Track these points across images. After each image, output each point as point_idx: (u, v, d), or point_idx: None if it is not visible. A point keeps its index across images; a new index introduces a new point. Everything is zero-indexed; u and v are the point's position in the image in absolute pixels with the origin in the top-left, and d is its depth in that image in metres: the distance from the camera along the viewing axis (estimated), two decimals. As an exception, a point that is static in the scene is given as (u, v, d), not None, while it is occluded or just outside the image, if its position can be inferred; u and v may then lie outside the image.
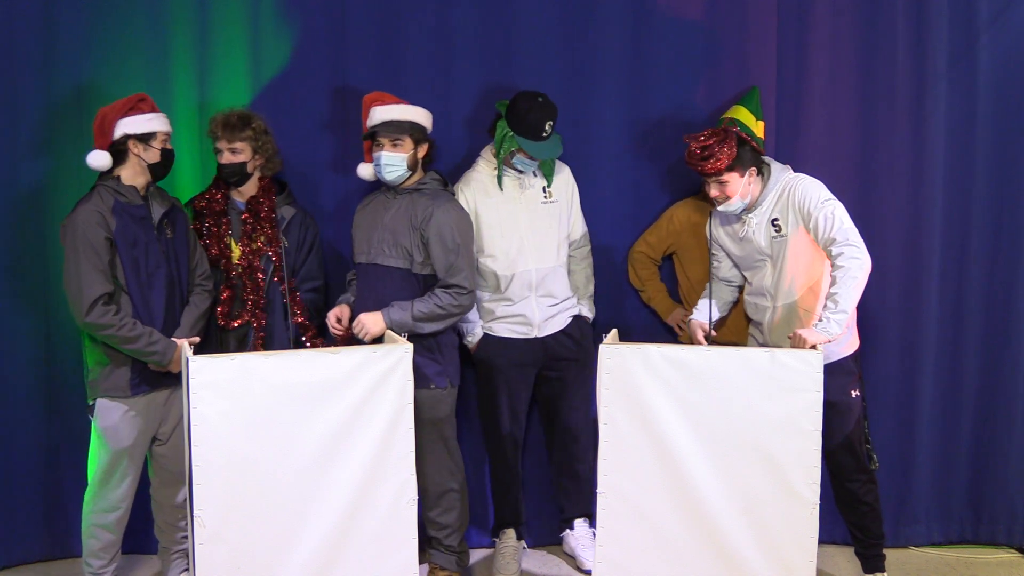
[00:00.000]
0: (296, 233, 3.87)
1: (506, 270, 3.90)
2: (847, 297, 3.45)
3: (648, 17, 4.11)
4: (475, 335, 3.97)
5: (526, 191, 3.93)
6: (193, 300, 3.69)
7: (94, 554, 3.66)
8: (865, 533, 3.84)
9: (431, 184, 3.78)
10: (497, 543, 4.12)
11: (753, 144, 3.71)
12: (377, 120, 3.70)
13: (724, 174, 3.62)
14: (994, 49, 4.08)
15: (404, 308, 3.65)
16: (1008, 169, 4.12)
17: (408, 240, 3.70)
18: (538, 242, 3.92)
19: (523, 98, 3.80)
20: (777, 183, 3.68)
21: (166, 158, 3.59)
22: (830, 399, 3.53)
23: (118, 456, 3.57)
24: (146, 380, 3.57)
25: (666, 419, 3.34)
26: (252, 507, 3.22)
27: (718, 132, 3.64)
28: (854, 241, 3.49)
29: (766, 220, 3.69)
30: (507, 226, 3.90)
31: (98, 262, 3.44)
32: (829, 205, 3.56)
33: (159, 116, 3.59)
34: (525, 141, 3.78)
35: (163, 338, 3.53)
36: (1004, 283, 4.16)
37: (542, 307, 3.94)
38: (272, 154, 3.84)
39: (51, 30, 3.89)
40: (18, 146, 3.91)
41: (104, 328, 3.45)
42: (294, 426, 3.24)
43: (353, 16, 4.06)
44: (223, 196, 3.82)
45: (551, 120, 3.80)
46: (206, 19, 4.00)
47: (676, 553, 3.39)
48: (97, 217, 3.46)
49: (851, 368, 3.72)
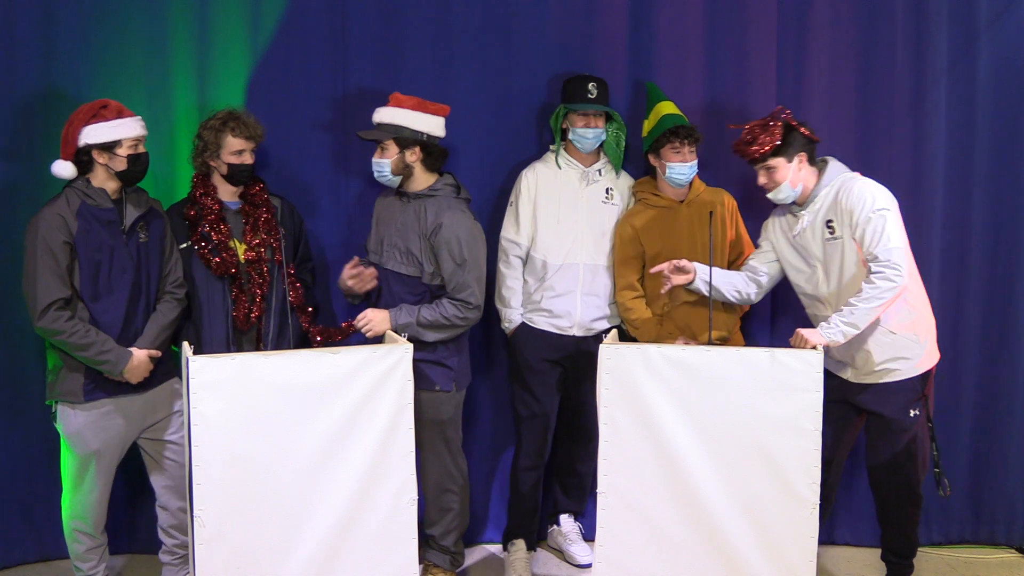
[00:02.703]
0: (289, 222, 3.86)
1: (556, 259, 3.91)
2: (864, 315, 3.41)
3: (648, 17, 4.11)
4: (512, 322, 3.97)
5: (589, 187, 3.95)
6: (160, 308, 3.59)
7: (80, 557, 3.64)
8: (893, 552, 3.78)
9: (443, 190, 3.74)
10: (507, 555, 4.07)
11: (804, 131, 3.59)
12: (374, 122, 3.71)
13: (770, 159, 3.54)
14: (994, 49, 4.08)
15: (411, 313, 3.64)
16: (1008, 169, 4.12)
17: (418, 249, 3.69)
18: (592, 239, 3.93)
19: (570, 77, 3.93)
20: (832, 180, 3.58)
21: (134, 164, 3.50)
22: (887, 415, 3.55)
23: (86, 460, 3.52)
24: (102, 387, 3.48)
25: (666, 419, 3.34)
26: (252, 507, 3.22)
27: (765, 118, 3.57)
28: (896, 262, 3.41)
29: (820, 220, 3.58)
30: (564, 216, 3.92)
31: (55, 266, 3.37)
32: (880, 218, 3.44)
33: (125, 122, 3.49)
34: (571, 104, 3.87)
35: (116, 347, 3.44)
36: (1004, 283, 4.16)
37: (587, 305, 3.94)
38: None
39: (51, 30, 3.89)
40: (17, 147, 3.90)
41: (56, 334, 3.38)
42: (294, 426, 3.24)
43: (353, 15, 4.06)
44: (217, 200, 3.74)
45: (594, 81, 3.88)
46: (206, 19, 4.00)
47: (676, 553, 3.39)
48: (58, 221, 3.40)
49: (916, 387, 3.60)
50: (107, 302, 3.47)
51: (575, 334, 3.95)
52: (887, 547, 3.80)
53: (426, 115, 3.71)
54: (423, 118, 3.70)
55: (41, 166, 3.91)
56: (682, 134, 3.80)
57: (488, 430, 4.25)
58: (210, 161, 3.72)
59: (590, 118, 3.89)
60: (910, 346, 3.56)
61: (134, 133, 3.50)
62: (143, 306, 3.55)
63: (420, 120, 3.70)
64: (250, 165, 3.73)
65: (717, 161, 4.06)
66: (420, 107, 3.70)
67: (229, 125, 3.68)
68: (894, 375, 3.55)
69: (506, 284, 3.97)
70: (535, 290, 3.96)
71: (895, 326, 3.53)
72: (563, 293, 3.93)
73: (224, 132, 3.67)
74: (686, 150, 3.82)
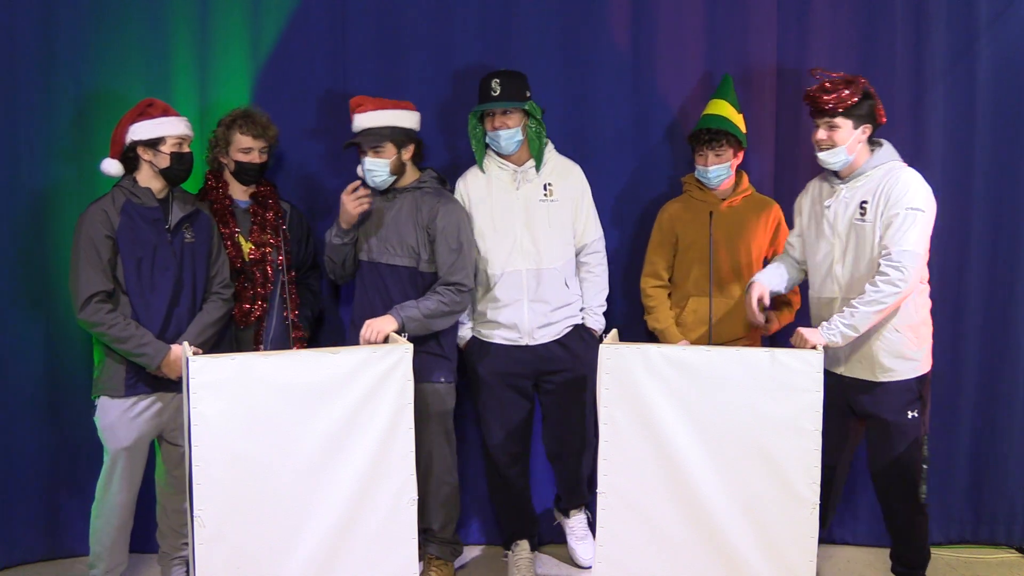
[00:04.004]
0: (296, 227, 3.91)
1: (496, 268, 3.82)
2: (864, 319, 3.38)
3: (648, 17, 4.11)
4: (462, 337, 3.91)
5: (523, 187, 3.84)
6: (206, 307, 3.65)
7: (99, 557, 3.66)
8: (902, 563, 3.73)
9: (430, 183, 3.79)
10: (510, 555, 4.05)
11: (879, 107, 3.50)
12: (357, 127, 3.71)
13: (838, 117, 3.46)
14: (994, 49, 4.07)
15: (414, 307, 3.64)
16: (1008, 169, 4.12)
17: (414, 239, 3.71)
18: (532, 242, 3.82)
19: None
20: (882, 163, 3.50)
21: (178, 162, 3.56)
22: (885, 418, 3.52)
23: (116, 457, 3.57)
24: (144, 381, 3.56)
25: (666, 419, 3.34)
26: (252, 507, 3.21)
27: (849, 76, 3.50)
28: (905, 265, 3.34)
29: (857, 199, 3.50)
30: (500, 222, 3.82)
31: (96, 260, 3.45)
32: (910, 216, 3.36)
33: (170, 120, 3.56)
34: (480, 105, 3.76)
35: (155, 341, 3.50)
36: (1004, 283, 4.16)
37: (535, 313, 3.82)
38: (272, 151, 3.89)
39: (51, 30, 3.89)
40: (18, 147, 3.91)
41: (96, 326, 3.46)
42: (294, 426, 3.24)
43: (353, 15, 4.06)
44: (227, 196, 3.82)
45: (498, 78, 3.73)
46: (206, 19, 4.01)
47: (676, 553, 3.39)
48: (101, 216, 3.48)
49: (913, 388, 3.54)
50: (149, 298, 3.53)
51: (529, 343, 3.84)
52: (897, 558, 3.74)
53: (411, 112, 3.76)
54: (409, 116, 3.75)
55: (41, 167, 3.93)
56: (702, 138, 3.79)
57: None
58: (220, 157, 3.82)
59: (496, 118, 3.75)
60: (911, 347, 3.54)
61: (178, 131, 3.57)
62: (186, 304, 3.60)
63: (409, 118, 3.75)
64: (258, 164, 3.77)
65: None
66: (401, 106, 3.75)
67: (238, 123, 3.76)
68: (892, 374, 3.53)
69: None
70: (480, 301, 3.87)
71: (900, 324, 3.50)
72: (508, 303, 3.82)
73: (233, 129, 3.77)
74: (710, 154, 3.80)
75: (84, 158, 3.67)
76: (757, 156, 4.13)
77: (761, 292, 3.62)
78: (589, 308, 3.94)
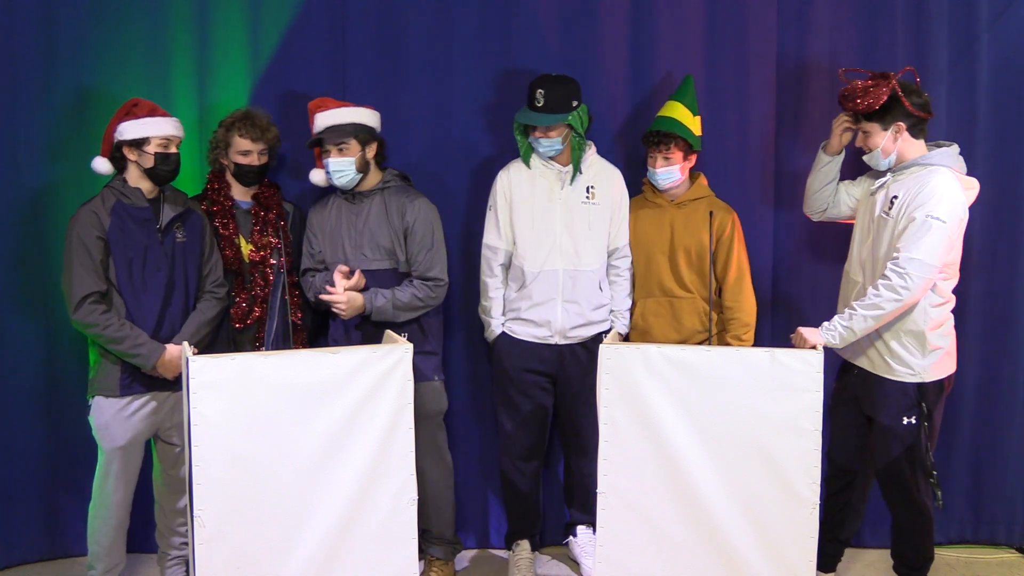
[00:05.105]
0: (299, 228, 3.90)
1: (533, 267, 3.82)
2: (862, 323, 3.38)
3: (648, 17, 4.11)
4: (492, 332, 3.93)
5: (567, 188, 3.82)
6: (200, 306, 3.65)
7: (97, 557, 3.67)
8: (904, 563, 3.72)
9: (394, 182, 3.80)
10: (511, 555, 4.05)
11: (908, 105, 3.42)
12: (320, 126, 3.70)
13: (864, 122, 3.46)
14: (994, 49, 4.07)
15: (386, 296, 3.66)
16: (1008, 169, 4.12)
17: (389, 240, 3.72)
18: (572, 243, 3.81)
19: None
20: (930, 163, 3.44)
21: (162, 163, 3.54)
22: (881, 420, 3.52)
23: (111, 456, 3.57)
24: (139, 381, 3.55)
25: (666, 419, 3.34)
26: (252, 507, 3.21)
27: (879, 75, 3.45)
28: (911, 273, 3.30)
29: (891, 192, 3.47)
30: (540, 221, 3.82)
31: (88, 261, 3.45)
32: (927, 224, 3.30)
33: (155, 120, 3.54)
34: (521, 113, 3.77)
35: (149, 341, 3.49)
36: (1003, 283, 4.16)
37: (568, 313, 3.82)
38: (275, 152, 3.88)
39: (51, 31, 3.89)
40: (18, 147, 3.91)
41: (91, 327, 3.46)
42: (294, 426, 3.24)
43: (353, 15, 4.06)
44: (229, 197, 3.81)
45: (542, 88, 3.71)
46: (206, 19, 4.00)
47: (676, 553, 3.39)
48: (91, 217, 3.48)
49: (910, 394, 3.50)
50: (141, 298, 3.53)
51: (556, 343, 3.85)
52: (898, 558, 3.74)
53: (372, 112, 3.76)
54: (371, 115, 3.76)
55: (41, 167, 3.93)
56: (650, 140, 3.80)
57: (489, 429, 4.22)
58: (221, 159, 3.81)
59: (538, 127, 3.75)
60: (911, 354, 3.49)
61: (163, 132, 3.55)
62: (179, 304, 3.60)
63: (371, 117, 3.75)
64: (257, 167, 3.77)
65: (717, 163, 4.08)
66: (362, 105, 3.75)
67: (237, 125, 3.75)
68: (891, 374, 3.53)
69: (488, 295, 3.92)
70: (516, 298, 3.88)
71: (903, 328, 3.47)
72: (542, 302, 3.82)
73: (232, 132, 3.76)
74: (659, 156, 3.80)
75: (83, 158, 3.66)
76: (757, 156, 4.13)
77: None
78: (618, 312, 3.94)
